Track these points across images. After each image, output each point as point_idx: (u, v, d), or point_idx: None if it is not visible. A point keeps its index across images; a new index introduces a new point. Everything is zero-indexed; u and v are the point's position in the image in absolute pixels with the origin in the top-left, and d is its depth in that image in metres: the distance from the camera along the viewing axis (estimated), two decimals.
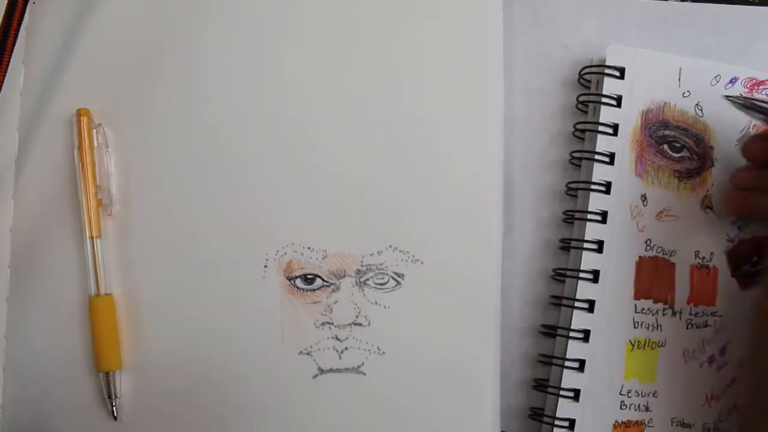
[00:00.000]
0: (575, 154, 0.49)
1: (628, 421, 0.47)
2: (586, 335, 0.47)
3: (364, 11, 0.49)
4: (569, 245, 0.48)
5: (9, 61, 0.45)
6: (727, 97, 0.46)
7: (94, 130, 0.47)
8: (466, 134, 0.48)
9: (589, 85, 0.50)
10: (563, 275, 0.48)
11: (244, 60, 0.49)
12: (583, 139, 0.50)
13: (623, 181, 0.48)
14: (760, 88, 0.49)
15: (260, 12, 0.49)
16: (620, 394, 0.47)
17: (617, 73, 0.49)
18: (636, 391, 0.47)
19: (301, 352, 0.47)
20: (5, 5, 0.45)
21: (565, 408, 0.47)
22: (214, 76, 0.48)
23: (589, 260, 0.47)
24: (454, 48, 0.49)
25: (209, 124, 0.48)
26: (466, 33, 0.49)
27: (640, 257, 0.48)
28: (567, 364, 0.47)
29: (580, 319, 0.47)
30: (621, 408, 0.47)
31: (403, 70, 0.49)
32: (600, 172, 0.48)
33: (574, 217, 0.49)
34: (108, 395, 0.45)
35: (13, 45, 0.45)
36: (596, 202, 0.48)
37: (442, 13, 0.49)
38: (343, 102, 0.48)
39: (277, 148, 0.48)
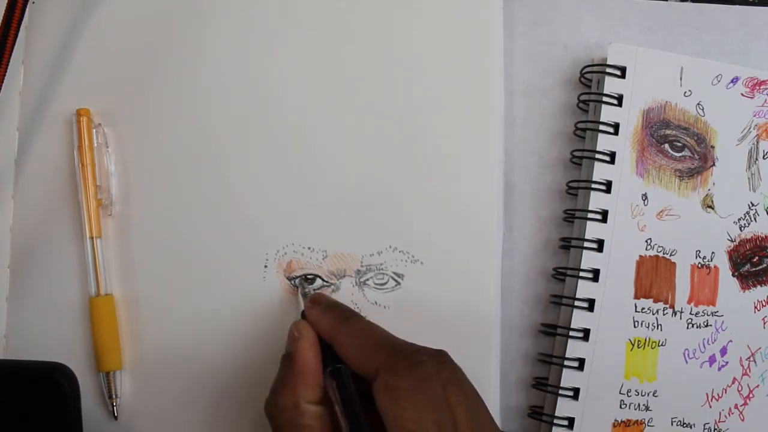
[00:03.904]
0: (576, 153, 0.49)
1: (628, 420, 0.47)
2: (585, 334, 0.47)
3: (364, 11, 0.49)
4: (569, 244, 0.48)
5: (9, 61, 0.45)
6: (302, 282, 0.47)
7: (94, 130, 0.47)
8: (466, 134, 0.48)
9: (590, 84, 0.50)
10: (563, 274, 0.48)
11: (243, 60, 0.49)
12: (583, 138, 0.50)
13: (624, 180, 0.48)
14: (761, 87, 0.49)
15: (259, 12, 0.49)
16: (620, 393, 0.47)
17: (618, 72, 0.48)
18: (636, 391, 0.47)
19: None
20: (5, 5, 0.45)
21: (564, 407, 0.47)
22: (213, 76, 0.48)
23: (589, 259, 0.47)
24: (454, 48, 0.49)
25: (209, 124, 0.48)
26: (466, 33, 0.49)
27: (640, 256, 0.48)
28: (567, 363, 0.47)
29: (580, 318, 0.47)
30: (620, 407, 0.47)
31: (403, 70, 0.48)
32: (601, 171, 0.48)
33: (574, 216, 0.48)
34: (108, 395, 0.46)
35: (13, 45, 0.45)
36: (597, 201, 0.48)
37: (442, 13, 0.49)
38: (343, 102, 0.48)
39: (277, 149, 0.48)
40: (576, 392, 0.47)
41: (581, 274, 0.47)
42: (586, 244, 0.47)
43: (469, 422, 0.36)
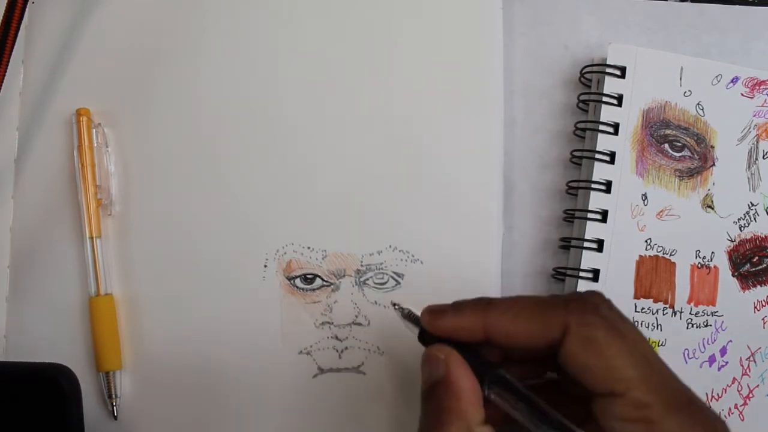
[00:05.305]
0: (576, 153, 0.49)
1: None
2: None
3: (364, 11, 0.49)
4: (569, 244, 0.48)
5: (9, 61, 0.45)
6: (393, 304, 0.42)
7: (94, 130, 0.47)
8: (466, 134, 0.48)
9: (590, 84, 0.50)
10: (563, 274, 0.48)
11: (243, 60, 0.49)
12: (583, 138, 0.50)
13: (624, 180, 0.48)
14: (761, 87, 0.49)
15: (259, 12, 0.49)
16: None
17: (618, 72, 0.48)
18: None
19: (301, 351, 0.47)
20: (5, 5, 0.45)
21: None
22: (213, 75, 0.48)
23: (589, 259, 0.47)
24: (454, 48, 0.49)
25: (209, 124, 0.48)
26: (466, 33, 0.49)
27: (640, 256, 0.48)
28: None
29: None
30: None
31: (404, 70, 0.49)
32: (600, 171, 0.48)
33: (574, 216, 0.48)
34: (108, 395, 0.46)
35: (13, 45, 0.45)
36: (597, 201, 0.48)
37: (442, 13, 0.49)
38: (343, 102, 0.48)
39: (277, 148, 0.48)
40: None
41: (581, 274, 0.47)
42: (586, 244, 0.47)
43: (653, 353, 0.34)
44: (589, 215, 0.47)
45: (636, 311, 0.47)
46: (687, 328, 0.48)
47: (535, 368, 0.39)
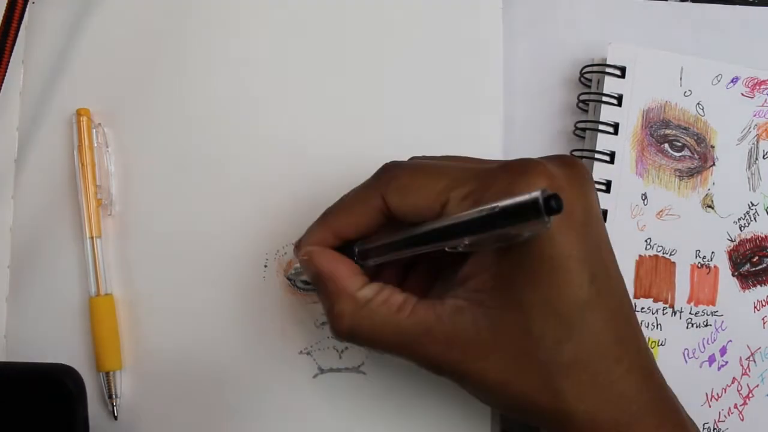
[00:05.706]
0: (576, 153, 0.49)
1: None
2: None
3: (364, 11, 0.49)
4: None
5: (9, 61, 0.45)
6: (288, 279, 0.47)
7: (94, 130, 0.47)
8: (466, 134, 0.48)
9: (590, 84, 0.50)
10: None
11: (243, 60, 0.49)
12: (583, 138, 0.50)
13: (624, 180, 0.48)
14: (761, 87, 0.49)
15: (260, 13, 0.49)
16: None
17: (618, 72, 0.48)
18: None
19: (301, 351, 0.47)
20: (5, 5, 0.45)
21: None
22: (214, 76, 0.48)
23: None
24: (454, 48, 0.49)
25: (209, 124, 0.48)
26: (466, 33, 0.49)
27: (640, 256, 0.48)
28: None
29: None
30: None
31: (403, 71, 0.49)
32: (600, 171, 0.48)
33: None
34: (108, 395, 0.45)
35: (13, 45, 0.45)
36: None
37: (442, 13, 0.49)
38: (343, 102, 0.48)
39: (277, 148, 0.48)
40: None
41: None
42: None
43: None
44: None
45: (636, 311, 0.47)
46: (687, 327, 0.48)
47: None
